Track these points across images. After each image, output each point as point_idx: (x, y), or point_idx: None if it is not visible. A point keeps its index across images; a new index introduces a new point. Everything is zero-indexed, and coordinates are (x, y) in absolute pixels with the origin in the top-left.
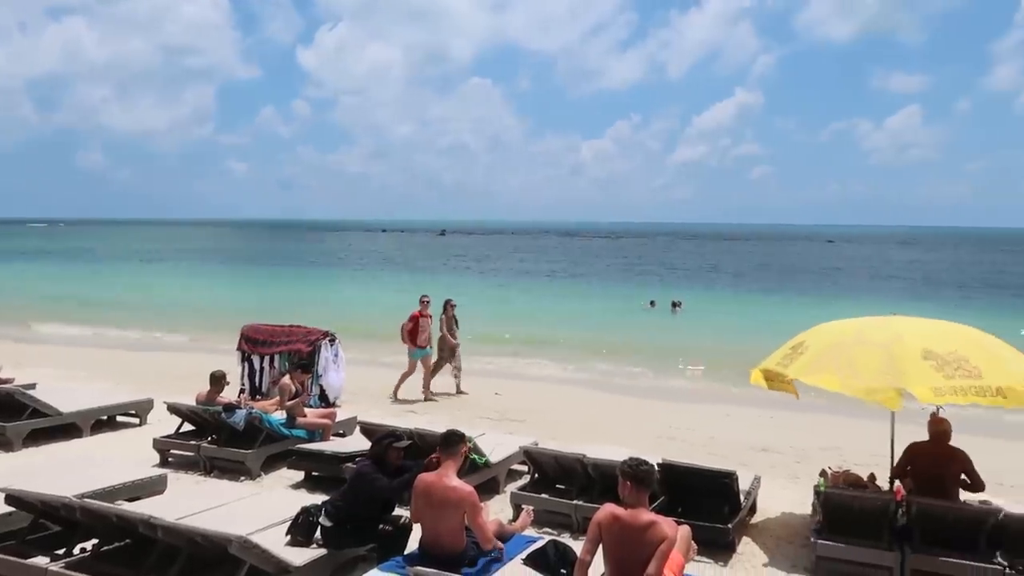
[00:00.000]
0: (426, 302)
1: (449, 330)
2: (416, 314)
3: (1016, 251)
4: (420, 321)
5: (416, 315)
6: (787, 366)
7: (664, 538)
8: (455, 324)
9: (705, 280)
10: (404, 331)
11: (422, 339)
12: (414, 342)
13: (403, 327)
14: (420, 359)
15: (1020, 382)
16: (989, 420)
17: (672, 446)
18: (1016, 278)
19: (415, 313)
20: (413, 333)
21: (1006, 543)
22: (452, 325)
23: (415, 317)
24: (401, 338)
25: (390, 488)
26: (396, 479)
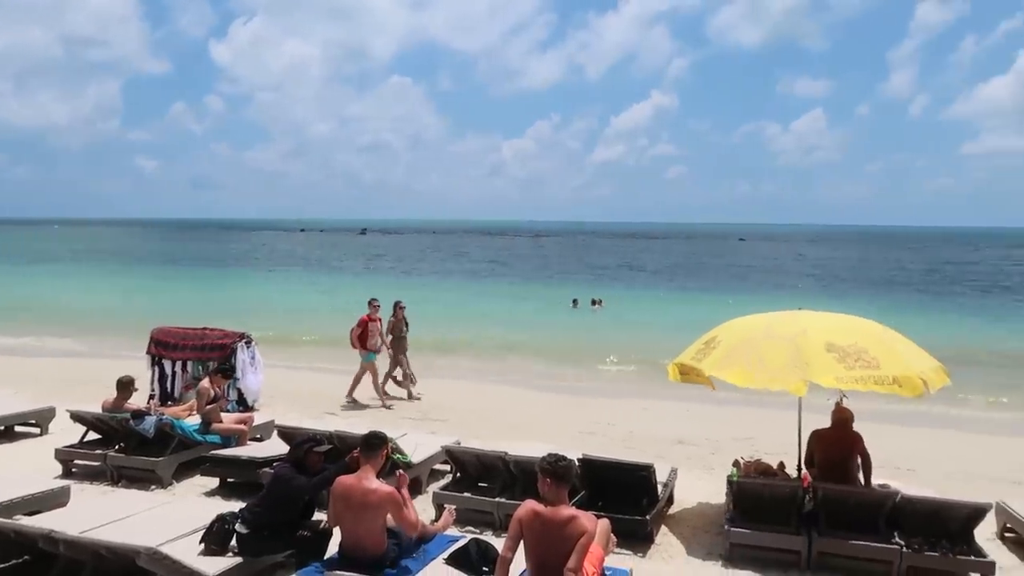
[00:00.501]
0: (376, 306)
1: (398, 332)
2: (365, 318)
3: (912, 248)
4: (369, 325)
5: (365, 319)
6: (701, 360)
7: (584, 532)
8: (405, 326)
9: (624, 278)
10: (353, 335)
11: (372, 343)
12: (364, 346)
13: (352, 331)
14: (370, 363)
15: (914, 372)
16: (887, 408)
17: (593, 441)
18: (913, 275)
19: (364, 317)
20: (363, 337)
21: (903, 523)
22: (402, 327)
23: (364, 321)
24: (351, 343)
25: (308, 486)
26: (313, 479)
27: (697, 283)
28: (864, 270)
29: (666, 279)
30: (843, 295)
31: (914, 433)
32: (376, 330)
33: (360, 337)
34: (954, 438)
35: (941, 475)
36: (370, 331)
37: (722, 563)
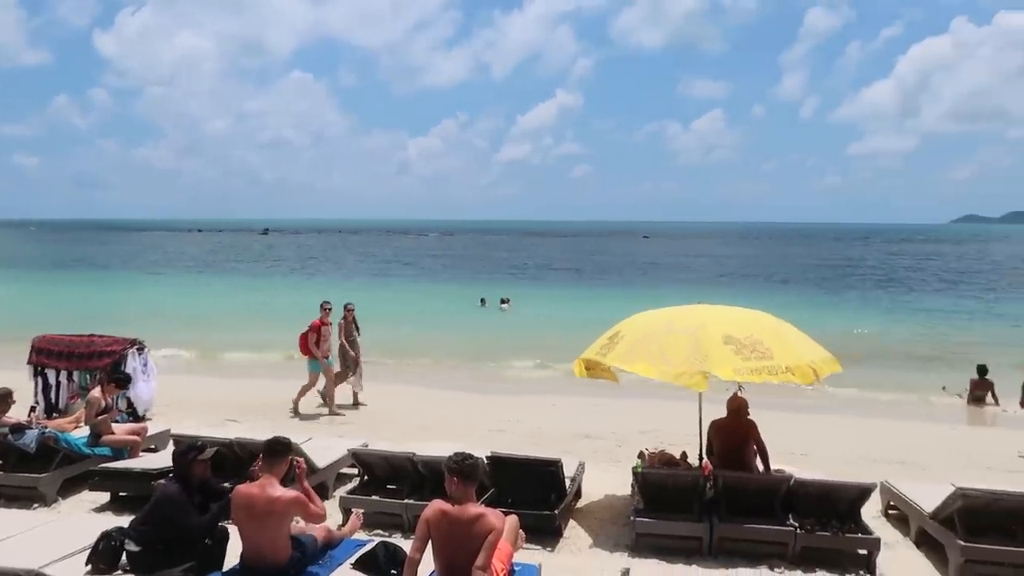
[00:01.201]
0: (328, 309)
1: (349, 336)
2: (317, 322)
3: (804, 244)
4: (322, 330)
5: (317, 323)
6: (605, 355)
7: (492, 529)
8: (356, 330)
9: (531, 277)
10: (303, 341)
11: (324, 349)
12: (317, 352)
13: (302, 336)
14: (321, 371)
15: (805, 361)
16: (782, 397)
17: (502, 439)
18: (805, 269)
19: (316, 322)
20: (317, 343)
21: (797, 506)
22: (352, 331)
23: (316, 326)
24: (300, 349)
25: (199, 526)
26: (207, 514)
27: (603, 280)
28: (761, 265)
29: (573, 277)
30: (741, 290)
31: (807, 420)
32: (328, 335)
33: (315, 343)
34: (843, 423)
35: (831, 459)
36: (323, 336)
37: (629, 553)
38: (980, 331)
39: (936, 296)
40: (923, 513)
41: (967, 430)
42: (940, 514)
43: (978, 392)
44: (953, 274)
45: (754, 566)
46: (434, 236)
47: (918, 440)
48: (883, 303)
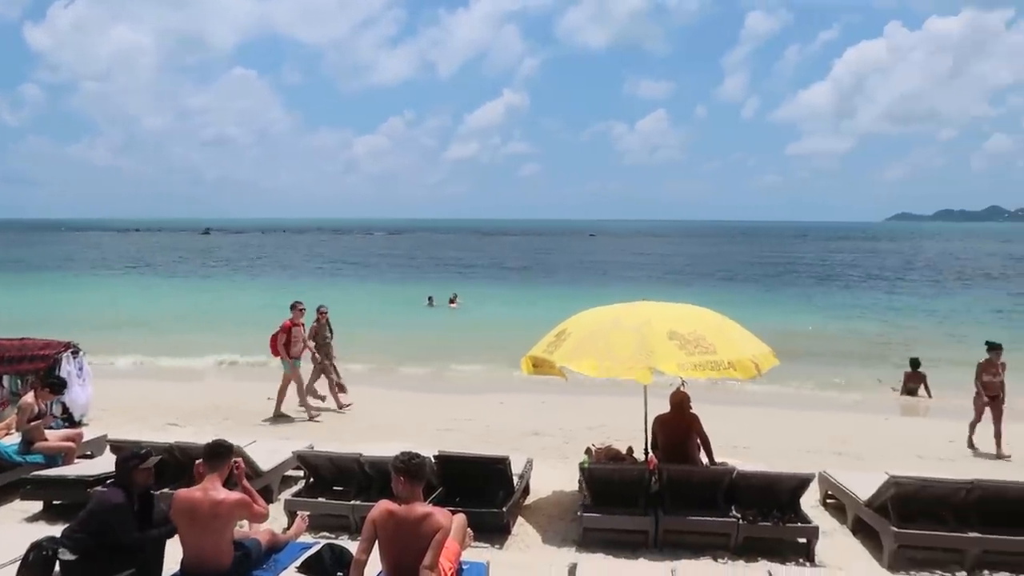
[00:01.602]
0: (300, 309)
1: (321, 338)
2: (288, 323)
3: (747, 242)
4: (293, 331)
5: (288, 324)
6: (553, 353)
7: (439, 528)
8: (329, 332)
9: (480, 275)
10: (274, 342)
11: (296, 350)
12: (288, 354)
13: (273, 337)
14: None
15: (747, 356)
16: (724, 391)
17: (450, 438)
18: (747, 266)
19: (287, 322)
20: (287, 344)
21: (739, 497)
22: (326, 333)
23: (288, 327)
24: (271, 350)
25: (138, 540)
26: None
27: (550, 278)
28: (705, 263)
29: (521, 275)
30: (686, 287)
31: (748, 413)
32: (300, 336)
33: (284, 343)
34: (783, 416)
35: (772, 451)
36: (294, 337)
37: (576, 548)
38: (913, 326)
39: (872, 292)
40: (858, 501)
41: (901, 420)
42: (874, 502)
43: (911, 384)
44: (888, 271)
45: (698, 557)
46: (380, 235)
47: (854, 431)
48: (821, 299)
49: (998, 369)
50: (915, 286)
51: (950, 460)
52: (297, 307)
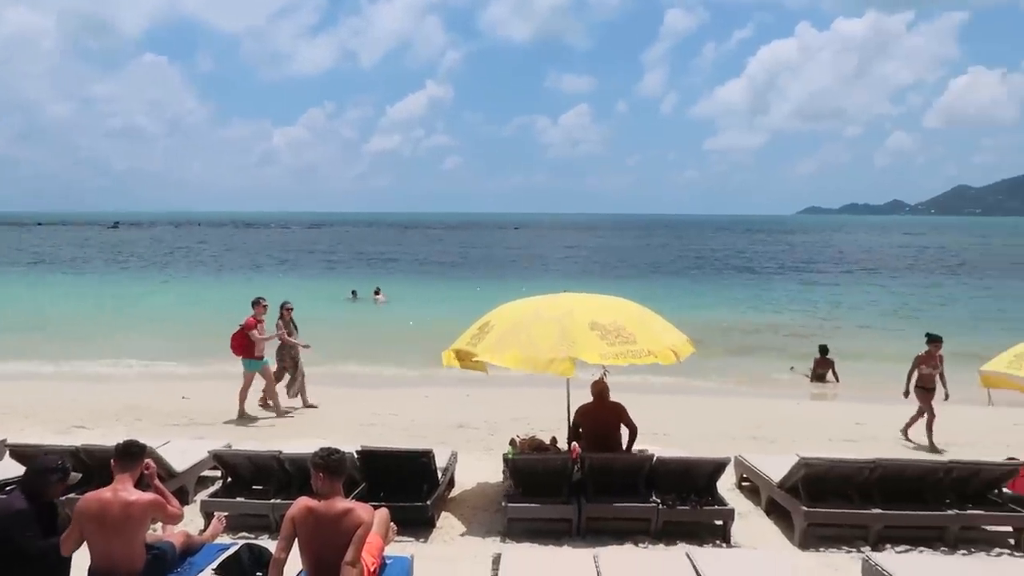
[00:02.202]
0: (264, 306)
1: (288, 336)
2: (252, 320)
3: (667, 235)
4: (258, 328)
5: (252, 322)
6: (476, 345)
7: (360, 524)
8: (294, 328)
9: (404, 268)
10: (237, 341)
11: (259, 349)
12: (251, 353)
13: (236, 336)
14: (258, 371)
15: (666, 344)
16: (644, 380)
17: (374, 432)
18: (669, 260)
19: (250, 319)
20: (250, 343)
21: (659, 483)
22: (291, 330)
23: (251, 324)
24: (233, 349)
25: (44, 550)
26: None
27: (475, 272)
28: (627, 256)
29: (445, 269)
30: (609, 279)
31: (668, 401)
32: (263, 334)
33: (245, 342)
34: (701, 403)
35: (690, 437)
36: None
37: (501, 538)
38: (823, 314)
39: (785, 283)
40: (771, 483)
41: (811, 405)
42: (786, 483)
43: (820, 370)
44: (801, 263)
45: (620, 542)
46: (300, 229)
47: (768, 416)
48: (738, 290)
49: (936, 361)
50: (825, 277)
51: (856, 442)
52: (261, 303)
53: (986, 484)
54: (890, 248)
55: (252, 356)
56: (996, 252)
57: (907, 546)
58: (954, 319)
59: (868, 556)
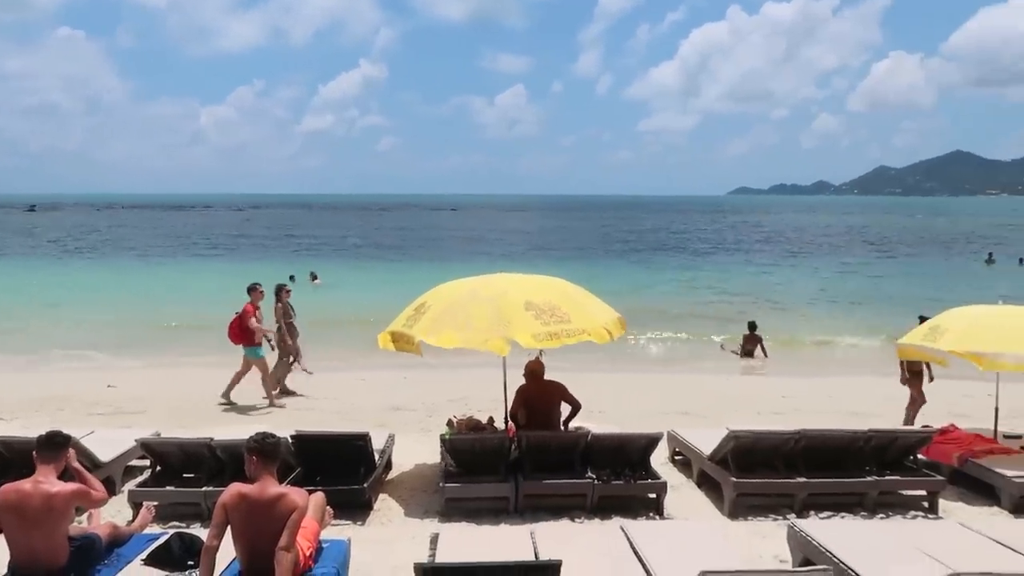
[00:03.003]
0: (261, 292)
1: (286, 319)
2: (250, 307)
3: (603, 216)
4: (256, 314)
5: (250, 308)
6: (412, 326)
7: (294, 508)
8: (292, 312)
9: (339, 251)
10: (233, 328)
11: (258, 336)
12: (250, 340)
13: (233, 323)
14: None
15: (599, 323)
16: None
17: (310, 417)
18: (605, 240)
19: (248, 306)
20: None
21: (594, 459)
22: (289, 313)
23: (249, 311)
24: (231, 337)
25: None
26: None
27: (411, 253)
28: (564, 236)
29: (381, 251)
30: (546, 260)
31: (603, 379)
32: (261, 320)
33: (245, 329)
34: (635, 380)
35: (626, 413)
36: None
37: (439, 519)
38: (753, 292)
39: (717, 262)
40: (702, 456)
41: (741, 379)
42: (716, 455)
43: (748, 346)
44: (732, 242)
45: (557, 518)
46: (231, 211)
47: (700, 391)
48: (672, 269)
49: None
50: (756, 256)
51: (783, 414)
52: (258, 289)
53: (903, 451)
54: (818, 228)
55: (252, 343)
56: (917, 231)
57: (830, 512)
58: (880, 296)
59: (793, 523)
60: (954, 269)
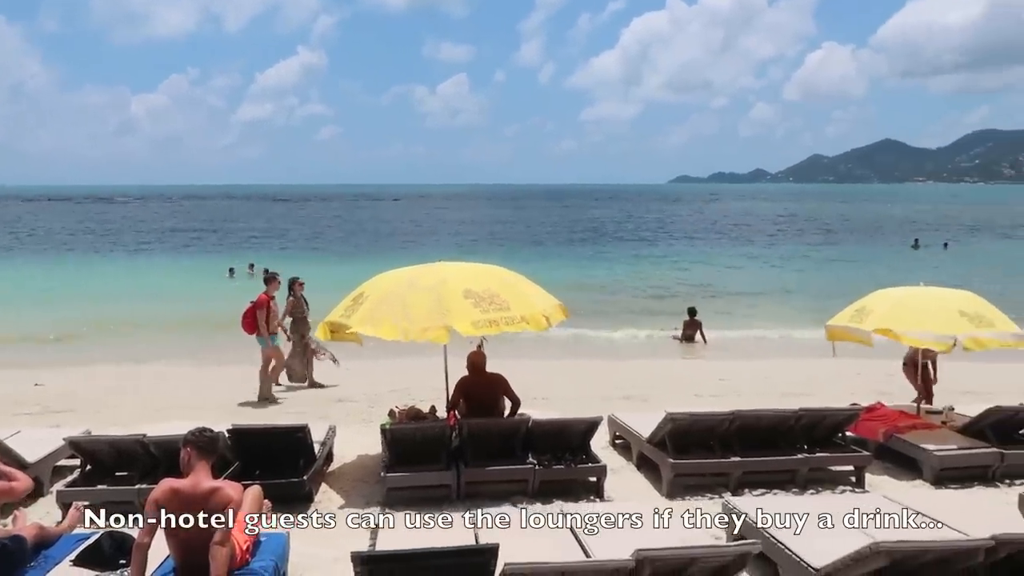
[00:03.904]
0: (278, 282)
1: (299, 313)
2: (264, 297)
3: (547, 205)
4: (271, 305)
5: (265, 298)
6: (350, 317)
7: (229, 502)
8: (306, 305)
9: (280, 243)
10: (248, 318)
11: (272, 326)
12: (266, 330)
13: (247, 314)
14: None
15: (538, 310)
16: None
17: (250, 411)
18: (549, 229)
19: (263, 296)
20: (266, 320)
21: (536, 444)
22: (303, 307)
23: (264, 301)
24: (244, 328)
25: None
26: None
27: (353, 244)
28: (508, 225)
29: (323, 242)
30: (485, 249)
31: (545, 366)
32: (276, 311)
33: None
34: (577, 366)
35: (568, 399)
36: (272, 312)
37: (381, 509)
38: (695, 279)
39: (658, 249)
40: (641, 439)
41: (680, 363)
42: (654, 438)
43: (688, 331)
44: (674, 230)
45: (499, 504)
46: (167, 203)
47: (641, 375)
48: (614, 257)
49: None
50: (698, 243)
51: (721, 396)
52: (275, 278)
53: (831, 429)
54: (757, 215)
55: (264, 333)
56: (850, 217)
57: (764, 489)
58: (814, 280)
59: (727, 500)
60: (883, 254)
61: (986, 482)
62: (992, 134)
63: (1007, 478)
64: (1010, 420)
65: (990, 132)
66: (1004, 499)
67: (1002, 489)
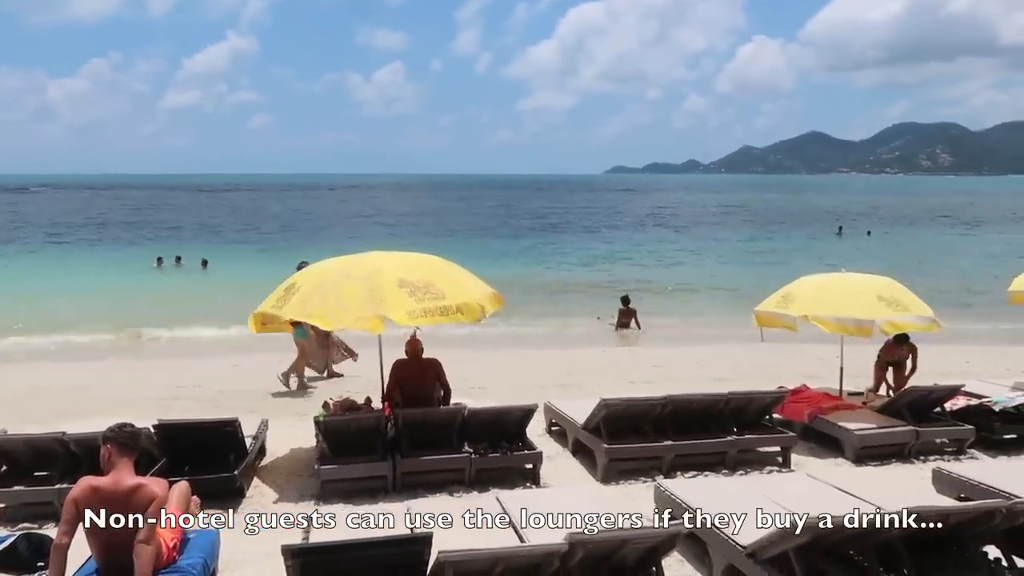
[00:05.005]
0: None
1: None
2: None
3: (484, 196)
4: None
5: None
6: (282, 307)
7: (153, 499)
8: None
9: (209, 234)
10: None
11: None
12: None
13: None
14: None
15: (474, 299)
16: (461, 336)
17: (177, 406)
18: (485, 218)
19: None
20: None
21: (472, 433)
22: None
23: None
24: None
25: None
26: None
27: (285, 235)
28: (444, 216)
29: (254, 233)
30: (420, 239)
31: (483, 356)
32: None
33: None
34: (514, 355)
35: (505, 388)
36: None
37: (315, 502)
38: (629, 268)
39: (593, 239)
40: (576, 425)
41: (616, 351)
42: (589, 424)
43: (624, 319)
44: (609, 220)
45: (435, 494)
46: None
47: (577, 363)
48: (551, 246)
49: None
50: (635, 233)
51: (654, 382)
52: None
53: (759, 411)
54: (693, 205)
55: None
56: (779, 206)
57: (695, 472)
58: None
59: (659, 483)
60: (810, 242)
61: (903, 459)
62: (911, 127)
63: (921, 455)
64: (924, 400)
65: (909, 125)
66: (919, 474)
67: (917, 465)
